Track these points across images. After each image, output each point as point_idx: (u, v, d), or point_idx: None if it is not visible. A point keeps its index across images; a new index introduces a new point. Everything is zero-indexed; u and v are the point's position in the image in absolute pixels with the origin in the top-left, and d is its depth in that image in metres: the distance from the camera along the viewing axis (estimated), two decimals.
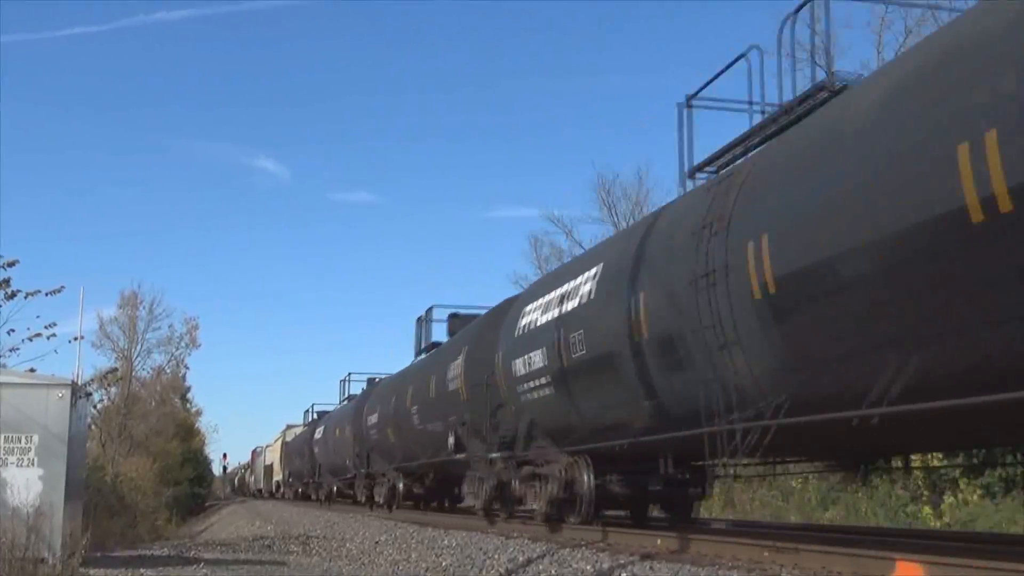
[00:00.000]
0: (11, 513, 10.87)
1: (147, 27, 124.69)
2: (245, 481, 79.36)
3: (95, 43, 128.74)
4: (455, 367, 16.39)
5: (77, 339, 14.47)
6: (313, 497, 37.54)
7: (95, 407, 31.17)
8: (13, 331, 14.92)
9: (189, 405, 60.55)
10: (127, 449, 40.09)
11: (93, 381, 22.78)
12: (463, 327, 19.08)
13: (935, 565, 6.28)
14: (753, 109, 9.09)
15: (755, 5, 55.50)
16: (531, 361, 12.17)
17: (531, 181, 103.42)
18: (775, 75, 8.32)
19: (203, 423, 66.64)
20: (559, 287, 11.82)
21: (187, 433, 56.19)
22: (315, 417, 42.22)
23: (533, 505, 13.07)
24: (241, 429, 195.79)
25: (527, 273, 39.27)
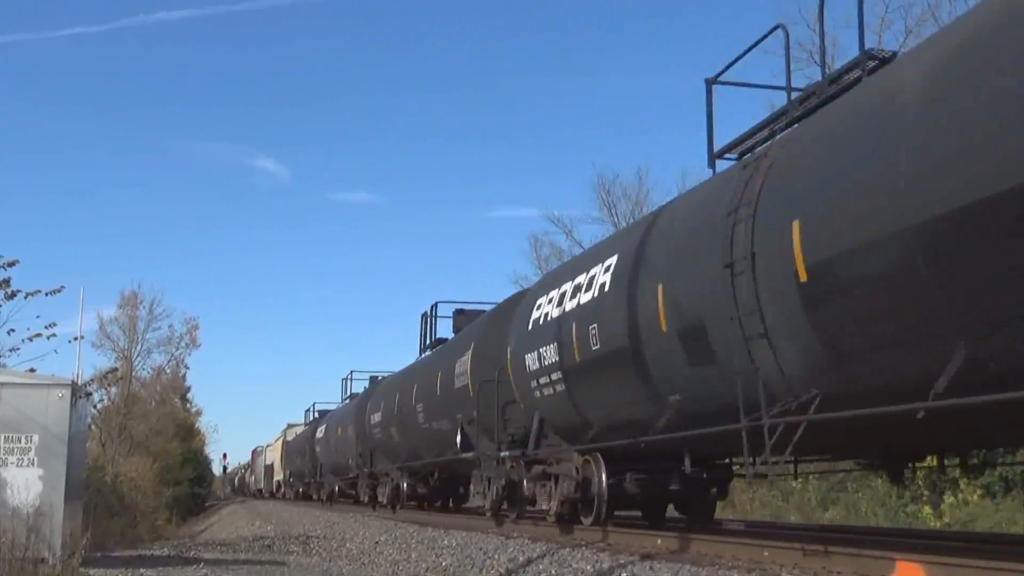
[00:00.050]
0: (11, 513, 10.91)
1: (147, 27, 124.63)
2: (245, 481, 79.07)
3: (95, 43, 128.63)
4: (462, 363, 15.98)
5: (77, 339, 14.73)
6: (314, 497, 37.19)
7: (95, 407, 31.41)
8: (13, 331, 15.37)
9: (189, 405, 60.94)
10: (127, 449, 40.21)
11: (93, 381, 23.10)
12: (469, 323, 18.71)
13: (935, 565, 6.25)
14: (782, 89, 8.68)
15: (755, 5, 55.33)
16: (543, 356, 11.78)
17: (531, 181, 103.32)
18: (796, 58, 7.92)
19: (203, 423, 66.98)
20: (572, 279, 11.42)
21: (187, 433, 56.32)
22: (316, 416, 41.87)
23: (544, 506, 12.67)
24: (241, 429, 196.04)
25: (527, 273, 39.35)
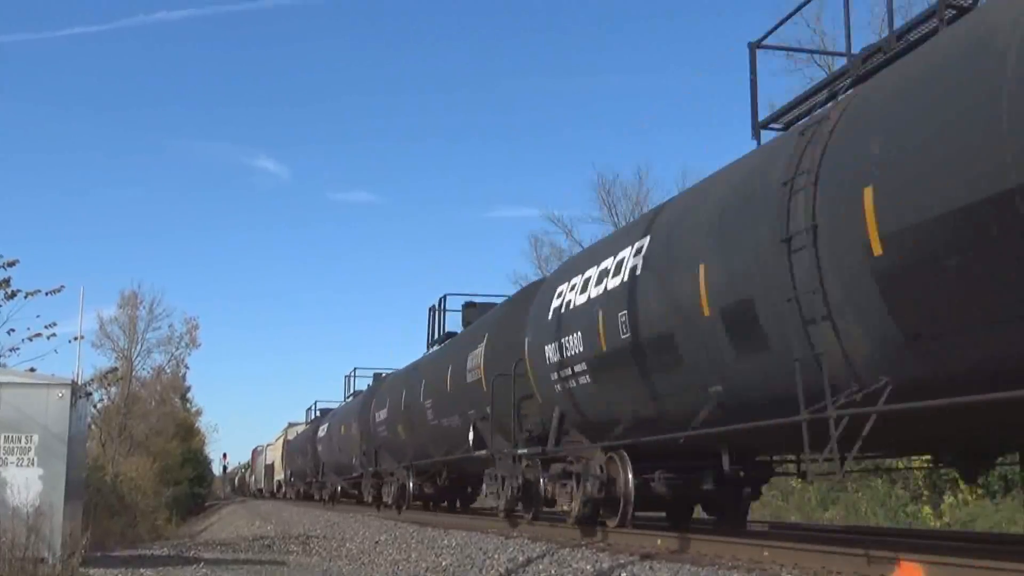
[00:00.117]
0: (11, 513, 10.93)
1: (147, 27, 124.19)
2: (245, 481, 78.49)
3: (95, 43, 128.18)
4: (475, 357, 15.20)
5: (77, 339, 14.74)
6: (316, 497, 36.51)
7: (95, 407, 31.48)
8: (13, 331, 15.14)
9: (189, 405, 60.70)
10: (127, 449, 40.02)
11: (93, 381, 22.96)
12: (478, 316, 17.97)
13: (935, 565, 6.23)
14: (825, 54, 7.91)
15: (755, 5, 54.73)
16: (565, 347, 11.01)
17: (531, 181, 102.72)
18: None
19: (203, 423, 66.62)
20: (597, 264, 10.65)
21: (187, 433, 56.08)
22: (318, 415, 41.23)
23: (565, 507, 11.90)
24: (241, 429, 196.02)
25: (527, 273, 39.28)
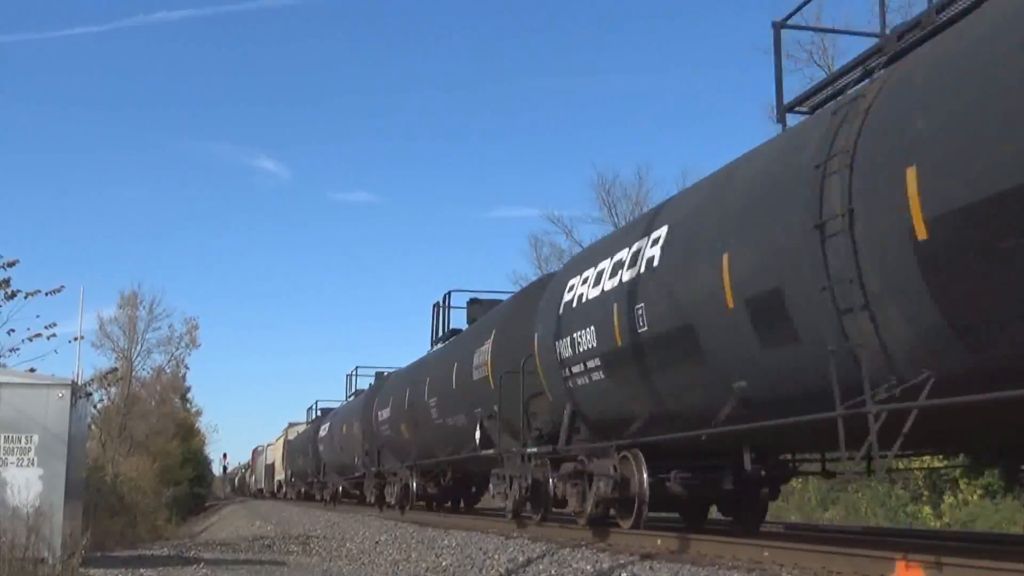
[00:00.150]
0: (11, 513, 10.93)
1: (147, 27, 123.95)
2: (246, 481, 78.18)
3: (95, 43, 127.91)
4: (481, 353, 14.81)
5: (77, 339, 14.76)
6: (317, 497, 36.16)
7: (95, 407, 31.37)
8: (13, 331, 15.19)
9: (189, 405, 60.52)
10: (127, 449, 39.87)
11: (93, 381, 22.93)
12: (484, 313, 17.57)
13: (935, 565, 6.22)
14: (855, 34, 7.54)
15: (755, 5, 54.43)
16: (578, 342, 10.63)
17: (531, 181, 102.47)
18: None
19: (203, 423, 66.43)
20: (611, 256, 10.27)
21: (187, 433, 55.89)
22: (319, 414, 40.85)
23: (576, 507, 11.52)
24: (241, 429, 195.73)
25: (527, 273, 39.10)
